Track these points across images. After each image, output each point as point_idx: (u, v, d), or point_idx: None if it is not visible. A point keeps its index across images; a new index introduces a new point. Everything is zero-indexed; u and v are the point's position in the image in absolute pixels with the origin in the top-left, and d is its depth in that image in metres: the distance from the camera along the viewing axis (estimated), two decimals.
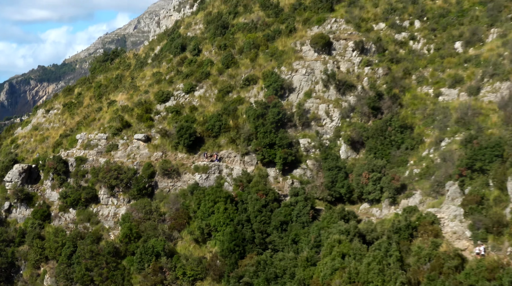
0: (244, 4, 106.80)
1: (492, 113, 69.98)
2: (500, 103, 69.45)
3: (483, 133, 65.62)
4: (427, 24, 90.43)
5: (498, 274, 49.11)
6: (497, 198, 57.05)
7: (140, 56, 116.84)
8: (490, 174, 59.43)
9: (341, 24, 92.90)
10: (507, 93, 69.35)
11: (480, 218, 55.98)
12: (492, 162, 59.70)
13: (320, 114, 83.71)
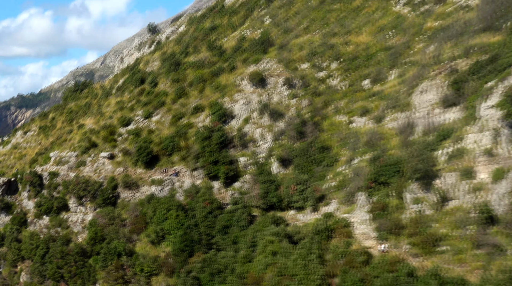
0: (194, 46, 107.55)
1: (392, 137, 72.02)
2: (399, 129, 71.68)
3: (385, 153, 67.40)
4: (342, 65, 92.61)
5: (397, 267, 50.94)
6: (396, 205, 58.74)
7: (106, 87, 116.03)
8: (391, 186, 61.15)
9: (273, 63, 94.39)
10: (404, 121, 71.66)
11: (383, 221, 57.56)
12: (393, 176, 61.47)
13: (256, 137, 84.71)
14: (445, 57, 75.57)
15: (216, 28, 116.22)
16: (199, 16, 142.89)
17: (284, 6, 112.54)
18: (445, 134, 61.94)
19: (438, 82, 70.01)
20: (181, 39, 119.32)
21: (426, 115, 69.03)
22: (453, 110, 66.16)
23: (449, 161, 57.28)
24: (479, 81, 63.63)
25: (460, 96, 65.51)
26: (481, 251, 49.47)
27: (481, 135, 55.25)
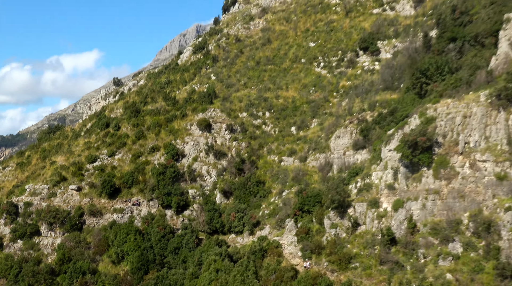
0: (152, 97, 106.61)
1: (314, 174, 73.27)
2: (319, 167, 73.09)
3: (309, 187, 68.37)
4: (274, 114, 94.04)
5: (319, 281, 51.21)
6: (318, 230, 59.35)
7: (76, 130, 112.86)
8: (313, 214, 61.80)
9: (217, 112, 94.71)
10: (323, 161, 73.15)
11: (307, 243, 57.94)
12: (315, 206, 62.31)
13: (203, 173, 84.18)
14: (355, 110, 78.01)
15: (170, 82, 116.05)
16: (156, 72, 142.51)
17: (227, 66, 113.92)
18: (356, 172, 63.46)
19: (350, 129, 71.93)
20: (141, 91, 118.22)
21: (340, 156, 70.65)
22: (362, 153, 68.04)
23: (359, 193, 58.58)
24: (381, 130, 65.83)
25: (367, 141, 67.55)
26: (385, 267, 50.49)
27: (384, 173, 56.88)
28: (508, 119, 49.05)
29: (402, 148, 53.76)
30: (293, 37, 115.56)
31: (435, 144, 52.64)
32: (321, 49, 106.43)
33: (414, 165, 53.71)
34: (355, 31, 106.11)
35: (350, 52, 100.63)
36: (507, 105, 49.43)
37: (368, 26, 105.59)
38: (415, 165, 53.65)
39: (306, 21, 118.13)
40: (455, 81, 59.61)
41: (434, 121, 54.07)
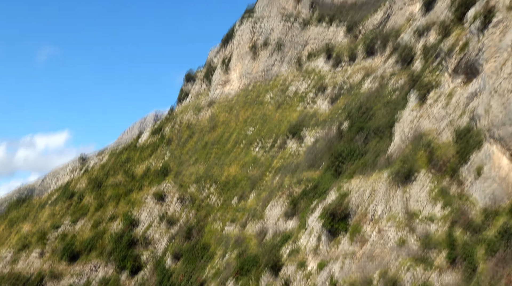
0: (113, 171, 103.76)
1: (252, 239, 72.19)
2: (256, 233, 72.22)
3: (247, 251, 67.13)
4: (218, 187, 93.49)
5: None
6: None
7: (42, 201, 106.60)
8: (251, 274, 60.21)
9: (170, 185, 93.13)
10: (260, 228, 72.49)
11: None
12: (252, 267, 60.67)
13: (155, 239, 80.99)
14: (286, 185, 79.06)
15: (130, 159, 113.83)
16: (118, 150, 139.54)
17: (179, 147, 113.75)
18: (287, 237, 63.12)
19: (281, 201, 72.43)
20: (104, 166, 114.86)
21: (274, 224, 70.41)
22: (291, 221, 68.20)
23: (289, 256, 57.94)
24: (307, 201, 66.72)
25: (296, 211, 67.98)
26: None
27: (310, 238, 56.97)
28: (404, 194, 51.33)
29: (324, 217, 54.47)
30: (235, 125, 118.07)
31: (350, 214, 53.80)
32: (257, 135, 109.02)
33: (334, 231, 54.26)
34: (285, 121, 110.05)
35: (281, 138, 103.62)
36: (403, 183, 51.93)
37: (294, 117, 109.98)
38: (334, 231, 54.20)
39: (245, 112, 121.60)
40: (363, 163, 62.30)
41: (348, 195, 55.61)
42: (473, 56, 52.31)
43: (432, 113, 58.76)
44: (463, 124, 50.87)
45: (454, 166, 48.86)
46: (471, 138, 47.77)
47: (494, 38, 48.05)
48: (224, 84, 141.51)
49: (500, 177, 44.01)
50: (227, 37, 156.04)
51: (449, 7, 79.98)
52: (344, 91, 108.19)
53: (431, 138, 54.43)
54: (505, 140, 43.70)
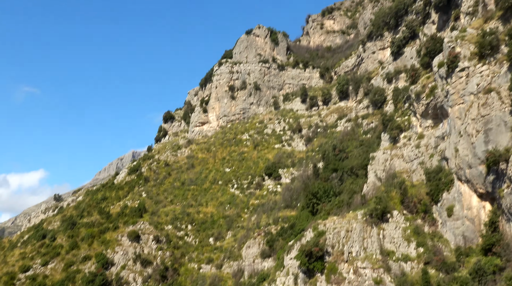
0: (88, 211, 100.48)
1: (229, 279, 70.34)
2: (233, 274, 70.52)
3: None
4: (195, 227, 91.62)
5: None
6: None
7: (13, 241, 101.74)
8: None
9: (146, 225, 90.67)
10: (236, 268, 70.88)
11: None
12: None
13: (129, 280, 77.75)
14: (262, 224, 78.23)
15: (106, 198, 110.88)
16: (94, 189, 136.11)
17: (156, 185, 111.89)
18: (264, 277, 61.78)
19: (258, 241, 71.39)
20: (79, 205, 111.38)
21: (251, 263, 69.02)
22: (268, 260, 67.01)
23: None
24: (284, 241, 65.92)
25: (272, 250, 66.97)
26: None
27: (287, 278, 55.85)
28: (379, 233, 51.41)
29: (300, 256, 53.74)
30: (213, 164, 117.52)
31: (326, 253, 53.28)
32: (235, 174, 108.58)
33: (310, 271, 53.41)
34: (262, 161, 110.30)
35: (258, 177, 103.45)
36: (377, 222, 52.11)
37: (271, 157, 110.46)
38: (311, 271, 53.37)
39: (223, 151, 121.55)
40: (338, 203, 62.50)
41: (324, 234, 55.27)
42: (440, 101, 54.35)
43: (404, 154, 60.06)
44: (434, 165, 52.04)
45: (426, 205, 49.52)
46: (441, 178, 48.79)
47: (459, 84, 50.23)
48: (203, 124, 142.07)
49: (470, 216, 44.74)
50: (205, 79, 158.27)
51: (416, 54, 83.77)
52: (320, 132, 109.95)
53: (404, 178, 55.33)
54: (474, 181, 44.79)
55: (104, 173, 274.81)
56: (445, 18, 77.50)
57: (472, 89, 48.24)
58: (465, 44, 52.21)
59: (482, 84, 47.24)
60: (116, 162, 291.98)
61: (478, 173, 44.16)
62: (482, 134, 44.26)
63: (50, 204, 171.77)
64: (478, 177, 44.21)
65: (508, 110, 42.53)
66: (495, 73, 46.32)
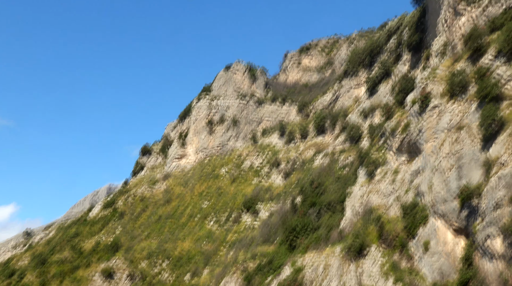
0: (60, 247, 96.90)
1: None
2: None
3: None
4: (171, 263, 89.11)
5: None
6: None
7: None
8: None
9: (120, 261, 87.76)
10: None
11: None
12: None
13: None
14: (240, 260, 76.68)
15: (79, 234, 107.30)
16: (67, 224, 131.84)
17: (132, 220, 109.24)
18: None
19: (236, 277, 69.79)
20: (50, 241, 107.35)
21: None
22: None
23: None
24: (262, 276, 64.61)
25: None
26: None
27: None
28: (357, 269, 51.01)
29: None
30: (190, 198, 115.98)
31: None
32: (212, 208, 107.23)
33: None
34: (239, 195, 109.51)
35: (236, 212, 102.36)
36: (355, 258, 51.80)
37: (249, 191, 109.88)
38: None
39: (201, 186, 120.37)
40: (316, 238, 62.10)
41: (302, 270, 54.51)
42: (414, 137, 55.68)
43: (380, 189, 60.65)
44: (409, 200, 52.63)
45: (403, 240, 49.65)
46: (417, 214, 49.24)
47: (431, 121, 51.70)
48: (180, 158, 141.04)
49: (446, 252, 45.00)
50: (184, 113, 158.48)
51: (390, 91, 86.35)
52: (297, 167, 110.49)
53: (380, 213, 55.62)
54: (448, 216, 45.36)
55: (78, 207, 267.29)
56: (416, 57, 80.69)
57: (444, 126, 49.67)
58: (436, 83, 54.17)
59: (453, 121, 48.75)
60: (91, 196, 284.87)
61: (452, 208, 44.81)
62: (455, 170, 45.25)
63: (20, 240, 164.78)
64: (452, 212, 44.83)
65: (479, 146, 43.80)
66: (465, 111, 47.96)
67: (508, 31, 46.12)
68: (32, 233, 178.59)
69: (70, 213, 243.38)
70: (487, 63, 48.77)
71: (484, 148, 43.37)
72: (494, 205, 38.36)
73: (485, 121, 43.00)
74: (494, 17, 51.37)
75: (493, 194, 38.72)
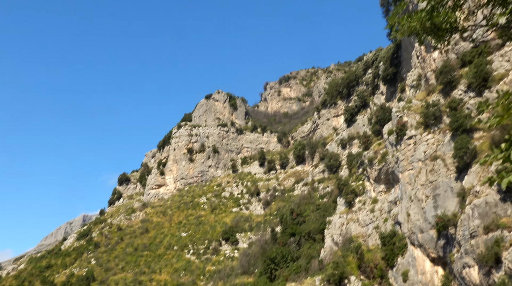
0: (29, 280, 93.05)
1: None
2: None
3: None
4: None
5: None
6: None
7: None
8: None
9: None
10: None
11: None
12: None
13: None
14: None
15: (51, 266, 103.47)
16: (38, 256, 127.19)
17: (107, 251, 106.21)
18: None
19: None
20: (19, 275, 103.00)
21: None
22: None
23: None
24: None
25: None
26: None
27: None
28: None
29: None
30: (168, 228, 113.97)
31: None
32: (191, 239, 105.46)
33: None
34: (219, 225, 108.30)
35: (215, 242, 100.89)
36: None
37: (229, 221, 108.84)
38: None
39: (180, 215, 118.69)
40: (296, 268, 61.63)
41: None
42: (392, 167, 56.79)
43: (359, 218, 61.13)
44: (388, 229, 53.15)
45: (382, 270, 49.82)
46: (395, 243, 49.71)
47: (407, 151, 53.00)
48: (159, 187, 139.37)
49: (424, 281, 45.33)
50: (164, 141, 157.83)
51: (368, 122, 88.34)
52: (277, 195, 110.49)
53: (360, 243, 55.87)
54: (426, 246, 45.93)
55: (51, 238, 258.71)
56: (392, 89, 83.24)
57: (420, 156, 50.96)
58: (411, 114, 55.88)
59: (428, 151, 50.10)
60: (65, 226, 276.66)
61: (430, 238, 45.44)
62: (431, 200, 46.17)
63: None
64: (429, 242, 45.44)
65: (454, 176, 44.98)
66: (439, 142, 49.43)
67: (477, 67, 48.37)
68: (0, 265, 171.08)
69: (42, 244, 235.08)
70: (459, 96, 50.76)
71: (458, 178, 44.57)
72: (470, 234, 39.16)
73: (458, 152, 44.39)
74: (464, 53, 53.89)
75: (468, 223, 39.57)
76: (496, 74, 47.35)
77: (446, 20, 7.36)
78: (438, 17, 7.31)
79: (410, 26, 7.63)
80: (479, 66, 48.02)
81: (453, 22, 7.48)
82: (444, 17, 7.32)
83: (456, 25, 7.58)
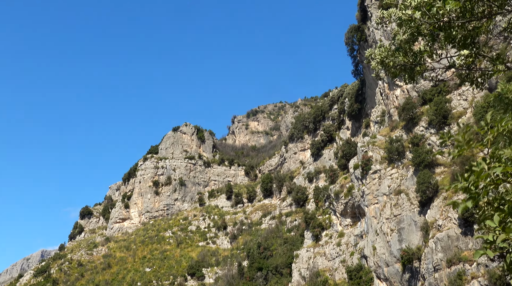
0: None
1: None
2: None
3: None
4: None
5: None
6: None
7: None
8: None
9: None
10: None
11: None
12: None
13: None
14: None
15: None
16: None
17: None
18: None
19: None
20: None
21: None
22: None
23: None
24: None
25: None
26: None
27: None
28: None
29: None
30: (132, 263, 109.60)
31: None
32: (155, 274, 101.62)
33: None
34: (185, 260, 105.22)
35: (180, 277, 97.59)
36: None
37: (195, 255, 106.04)
38: None
39: (144, 249, 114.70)
40: None
41: None
42: (357, 200, 57.47)
43: (326, 252, 60.94)
44: (354, 263, 53.13)
45: None
46: (362, 277, 49.63)
47: (372, 186, 53.93)
48: (123, 220, 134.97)
49: None
50: (129, 173, 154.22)
51: (334, 156, 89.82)
52: (245, 229, 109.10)
53: (327, 277, 55.45)
54: (392, 279, 46.10)
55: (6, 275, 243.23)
56: (357, 125, 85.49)
57: (384, 190, 51.90)
58: (375, 149, 57.29)
59: (392, 186, 51.16)
60: (21, 262, 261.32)
61: (395, 271, 45.69)
62: (396, 233, 46.75)
63: None
64: (395, 275, 45.65)
65: (417, 210, 45.91)
66: (403, 176, 50.66)
67: (437, 105, 50.59)
68: None
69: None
70: (420, 132, 52.64)
71: (422, 211, 45.53)
72: (433, 267, 39.65)
73: (420, 187, 45.54)
74: (424, 91, 56.36)
75: (432, 257, 40.14)
76: (455, 112, 49.62)
77: (416, 60, 7.64)
78: (407, 57, 7.59)
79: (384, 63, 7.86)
80: (439, 104, 50.25)
81: (421, 61, 7.78)
82: (415, 58, 7.60)
83: (424, 65, 7.87)
